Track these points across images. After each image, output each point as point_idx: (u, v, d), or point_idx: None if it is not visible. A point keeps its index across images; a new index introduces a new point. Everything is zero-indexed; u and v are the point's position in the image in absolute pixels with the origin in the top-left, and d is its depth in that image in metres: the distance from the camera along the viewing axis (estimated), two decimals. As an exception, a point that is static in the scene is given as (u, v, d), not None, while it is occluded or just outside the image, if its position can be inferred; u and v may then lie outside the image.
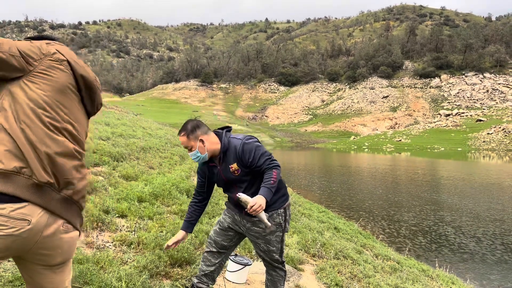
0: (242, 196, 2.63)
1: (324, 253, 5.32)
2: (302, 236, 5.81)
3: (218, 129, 2.88)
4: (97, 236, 3.60)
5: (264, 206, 2.57)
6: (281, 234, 2.92)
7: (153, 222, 4.31)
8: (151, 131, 14.74)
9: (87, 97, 1.70)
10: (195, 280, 2.99)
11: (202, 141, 2.70)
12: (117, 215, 4.26)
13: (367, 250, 7.20)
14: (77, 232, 1.61)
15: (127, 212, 4.36)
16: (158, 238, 3.77)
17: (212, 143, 2.74)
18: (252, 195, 2.64)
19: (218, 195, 7.04)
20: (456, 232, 12.12)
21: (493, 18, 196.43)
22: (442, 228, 12.60)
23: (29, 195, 1.38)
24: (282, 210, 2.89)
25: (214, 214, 5.43)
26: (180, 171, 8.53)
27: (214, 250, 2.98)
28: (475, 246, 10.79)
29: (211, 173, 2.87)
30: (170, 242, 2.88)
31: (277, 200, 2.87)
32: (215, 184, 2.98)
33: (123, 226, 4.03)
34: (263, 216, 2.68)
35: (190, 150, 2.72)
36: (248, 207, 2.56)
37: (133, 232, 3.87)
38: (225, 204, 3.08)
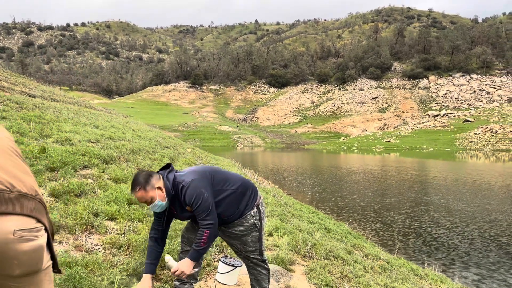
0: (168, 261, 2.69)
1: (314, 253, 5.34)
2: (293, 237, 5.83)
3: (160, 169, 2.79)
4: (86, 239, 3.58)
5: (188, 271, 2.57)
6: (258, 233, 2.91)
7: (143, 225, 4.29)
8: (141, 133, 14.67)
9: None
10: (177, 283, 2.97)
11: (160, 188, 2.61)
12: (106, 217, 4.23)
13: (357, 250, 7.24)
14: (39, 242, 1.44)
15: (117, 215, 4.34)
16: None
17: (166, 187, 2.66)
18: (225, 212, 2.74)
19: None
20: (450, 234, 12.05)
21: (480, 20, 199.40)
22: (435, 230, 12.52)
23: None
24: (255, 210, 2.89)
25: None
26: (170, 173, 8.51)
27: (189, 248, 2.92)
28: (467, 247, 10.74)
29: (171, 213, 2.81)
30: None
31: (248, 201, 2.88)
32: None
33: (112, 228, 4.00)
34: (191, 272, 2.68)
35: (150, 202, 2.60)
36: (171, 272, 2.60)
37: (123, 235, 3.85)
38: None
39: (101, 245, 3.56)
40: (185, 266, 2.56)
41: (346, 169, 33.60)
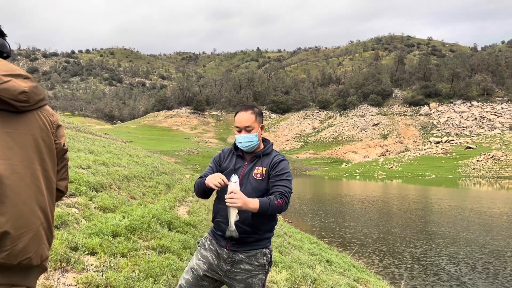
0: (233, 180, 2.24)
1: (315, 291, 4.92)
2: (292, 272, 5.41)
3: None
4: (58, 279, 3.19)
5: (245, 206, 2.19)
6: (264, 277, 2.54)
7: (126, 260, 3.90)
8: (138, 159, 14.36)
9: None
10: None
11: (262, 127, 2.53)
12: (86, 252, 3.85)
13: (361, 285, 6.78)
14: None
15: (98, 249, 3.96)
16: (129, 279, 3.37)
17: (261, 137, 2.55)
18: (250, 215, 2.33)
19: (204, 227, 6.65)
20: (470, 271, 11.11)
21: (479, 48, 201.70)
22: (450, 265, 11.72)
23: None
24: (268, 251, 2.52)
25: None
26: (164, 201, 8.13)
27: None
28: (488, 285, 9.93)
29: (231, 163, 2.51)
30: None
31: (265, 237, 2.51)
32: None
33: (91, 265, 3.62)
34: (233, 214, 2.28)
35: (248, 131, 2.43)
36: (228, 191, 2.21)
37: (101, 273, 3.46)
38: (198, 244, 2.64)
39: (75, 285, 3.18)
40: (248, 200, 2.20)
41: (349, 196, 33.03)
